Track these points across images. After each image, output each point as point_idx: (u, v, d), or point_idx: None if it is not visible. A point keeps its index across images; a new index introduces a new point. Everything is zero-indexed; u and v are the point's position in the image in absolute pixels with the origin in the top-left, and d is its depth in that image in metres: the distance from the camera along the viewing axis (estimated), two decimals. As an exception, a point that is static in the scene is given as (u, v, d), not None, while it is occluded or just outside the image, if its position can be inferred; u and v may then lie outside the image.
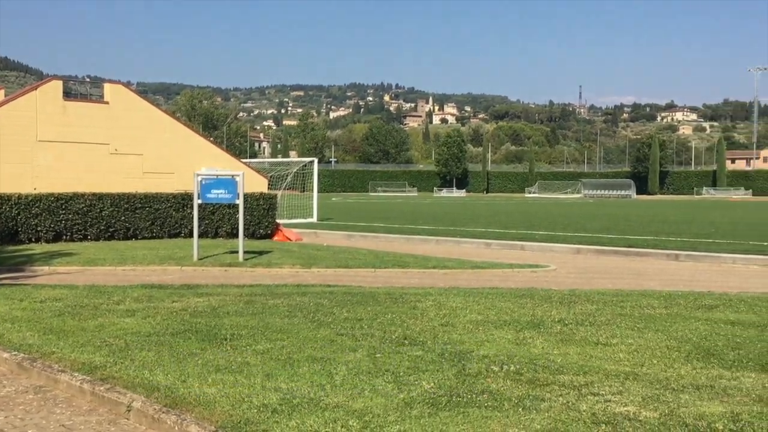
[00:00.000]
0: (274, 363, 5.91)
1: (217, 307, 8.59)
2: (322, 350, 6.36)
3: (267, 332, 7.10)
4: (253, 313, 8.18)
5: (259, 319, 7.77)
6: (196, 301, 9.06)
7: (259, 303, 8.86)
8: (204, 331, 7.13)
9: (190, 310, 8.39)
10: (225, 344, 6.59)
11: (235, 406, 4.81)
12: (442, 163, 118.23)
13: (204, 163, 20.43)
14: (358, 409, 4.74)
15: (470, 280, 12.17)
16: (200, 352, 6.28)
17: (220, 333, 7.04)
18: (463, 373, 5.60)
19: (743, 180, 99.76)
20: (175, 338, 6.86)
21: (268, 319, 7.77)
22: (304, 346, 6.53)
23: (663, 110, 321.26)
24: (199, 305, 8.70)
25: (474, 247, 19.10)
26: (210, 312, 8.25)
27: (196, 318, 7.86)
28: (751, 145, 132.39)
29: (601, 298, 9.43)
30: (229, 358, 6.09)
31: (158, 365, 5.88)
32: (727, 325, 7.63)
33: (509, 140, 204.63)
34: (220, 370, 5.69)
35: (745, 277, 13.24)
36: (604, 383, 5.34)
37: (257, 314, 8.09)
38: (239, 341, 6.71)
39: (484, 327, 7.43)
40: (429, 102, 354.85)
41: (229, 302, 8.94)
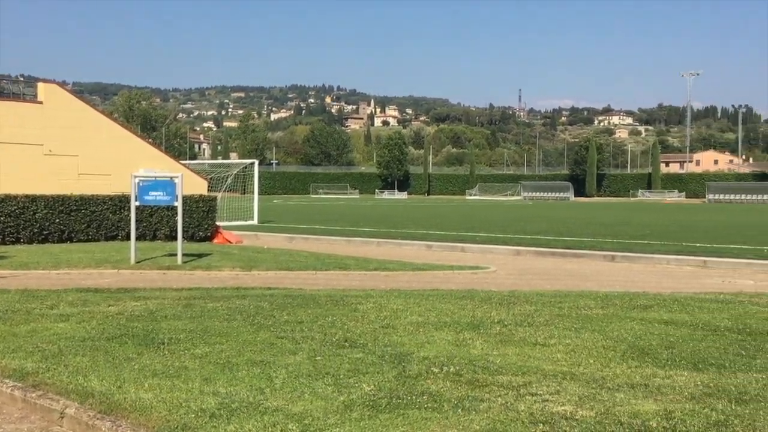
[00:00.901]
0: (212, 367, 5.84)
1: (155, 310, 8.45)
2: (261, 353, 6.30)
3: (206, 336, 7.01)
4: (191, 316, 8.07)
5: (198, 323, 7.66)
6: (133, 304, 8.89)
7: (197, 306, 8.75)
8: (141, 336, 7.00)
9: (126, 314, 8.23)
10: (162, 348, 6.48)
11: (172, 412, 4.73)
12: (383, 165, 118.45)
13: (142, 164, 20.11)
14: (298, 412, 4.71)
15: (411, 281, 12.20)
16: (137, 357, 6.17)
17: (158, 337, 6.93)
18: (403, 375, 5.60)
19: (677, 183, 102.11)
20: (110, 343, 6.72)
21: (206, 323, 7.67)
22: (243, 349, 6.46)
23: (600, 114, 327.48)
24: (136, 309, 8.55)
25: (415, 248, 19.18)
26: (147, 316, 8.11)
27: (132, 322, 7.72)
28: (684, 148, 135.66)
29: (539, 299, 9.55)
30: (166, 362, 5.99)
31: (93, 371, 5.76)
32: (660, 324, 7.79)
33: (450, 143, 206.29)
34: (157, 375, 5.59)
35: (678, 277, 13.55)
36: (542, 383, 5.40)
37: (196, 318, 7.98)
38: (177, 345, 6.61)
39: (424, 329, 7.46)
40: (371, 104, 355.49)
41: (167, 306, 8.80)
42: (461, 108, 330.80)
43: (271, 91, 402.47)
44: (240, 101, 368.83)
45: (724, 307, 9.01)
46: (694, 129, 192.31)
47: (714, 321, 7.98)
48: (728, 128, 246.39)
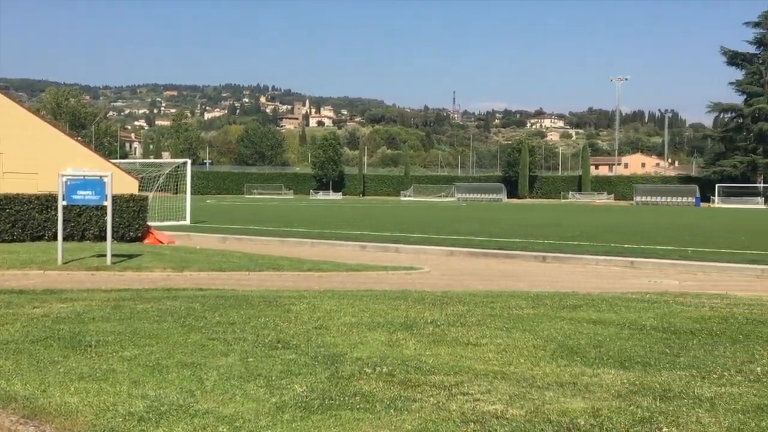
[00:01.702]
0: (141, 369, 5.73)
1: (82, 312, 8.26)
2: (192, 355, 6.22)
3: (135, 338, 6.88)
4: (120, 318, 7.91)
5: (127, 325, 7.51)
6: (60, 306, 8.67)
7: (127, 308, 8.58)
8: (67, 338, 6.83)
9: (52, 316, 8.02)
10: (90, 351, 6.34)
11: (98, 415, 4.63)
12: (318, 165, 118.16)
13: (70, 163, 19.63)
14: (229, 414, 4.66)
15: (345, 282, 12.19)
16: (63, 360, 6.02)
17: (85, 339, 6.77)
18: (336, 376, 5.59)
19: (606, 185, 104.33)
20: (35, 346, 6.54)
21: (136, 325, 7.52)
22: (173, 351, 6.36)
23: (532, 117, 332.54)
24: (62, 311, 8.34)
25: (349, 249, 19.17)
26: (74, 318, 7.92)
27: (58, 324, 7.52)
28: (613, 151, 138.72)
29: (472, 299, 9.64)
30: (93, 365, 5.86)
31: (16, 374, 5.59)
32: (589, 324, 7.94)
33: (385, 144, 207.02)
34: (83, 378, 5.46)
35: (607, 277, 13.84)
36: (474, 383, 5.45)
37: (125, 319, 7.82)
38: (105, 348, 6.47)
39: (357, 329, 7.46)
40: (306, 104, 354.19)
41: (95, 307, 8.60)
42: (396, 109, 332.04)
43: (205, 90, 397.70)
44: (173, 100, 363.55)
45: (650, 306, 9.24)
46: (622, 133, 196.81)
47: (640, 320, 8.18)
48: (655, 132, 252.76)
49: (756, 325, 7.95)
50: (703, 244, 19.78)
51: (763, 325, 7.95)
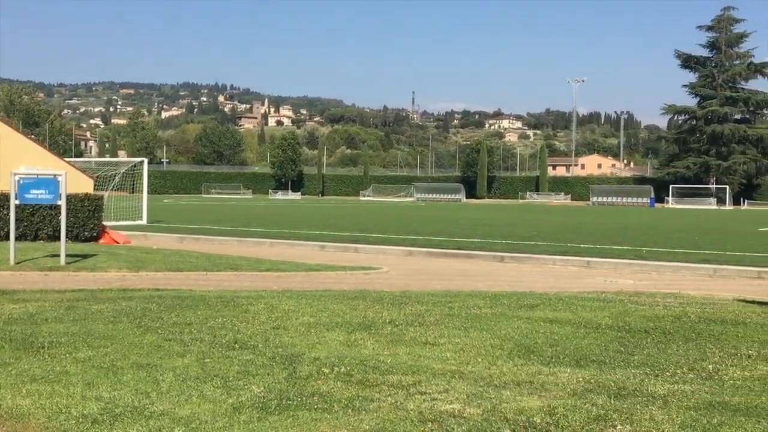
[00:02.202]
0: (95, 371, 5.65)
1: (35, 313, 8.11)
2: (148, 356, 6.15)
3: (89, 339, 6.78)
4: (74, 319, 7.79)
5: (81, 326, 7.40)
6: (11, 307, 8.51)
7: (81, 308, 8.45)
8: (19, 340, 6.71)
9: (4, 317, 7.87)
10: (42, 353, 6.23)
11: (51, 418, 4.55)
12: (277, 165, 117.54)
13: (23, 161, 19.27)
14: (185, 416, 4.62)
15: (303, 282, 12.16)
16: (14, 362, 5.91)
17: (37, 341, 6.65)
18: (293, 376, 5.57)
19: (563, 185, 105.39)
20: (-14, 348, 6.41)
21: (90, 326, 7.42)
22: (129, 352, 6.28)
23: (491, 118, 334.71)
24: (14, 312, 8.18)
25: (308, 249, 19.12)
26: (27, 319, 7.78)
27: (10, 326, 7.38)
28: (570, 152, 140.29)
29: (430, 299, 9.67)
30: (46, 367, 5.76)
31: (-34, 377, 5.48)
32: (546, 323, 8.02)
33: (344, 143, 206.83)
34: (36, 380, 5.37)
35: (564, 277, 13.98)
36: (432, 382, 5.47)
37: (79, 320, 7.71)
38: (58, 349, 6.36)
39: (316, 329, 7.44)
40: (264, 104, 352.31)
41: (48, 308, 8.46)
42: (356, 109, 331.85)
43: (162, 89, 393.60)
44: (129, 98, 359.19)
45: (605, 305, 9.36)
46: (579, 134, 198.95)
47: (596, 319, 8.28)
48: (611, 133, 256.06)
49: (708, 324, 8.09)
50: (657, 244, 20.09)
51: (715, 324, 8.10)
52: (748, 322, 8.25)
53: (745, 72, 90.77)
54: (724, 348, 6.86)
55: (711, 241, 21.69)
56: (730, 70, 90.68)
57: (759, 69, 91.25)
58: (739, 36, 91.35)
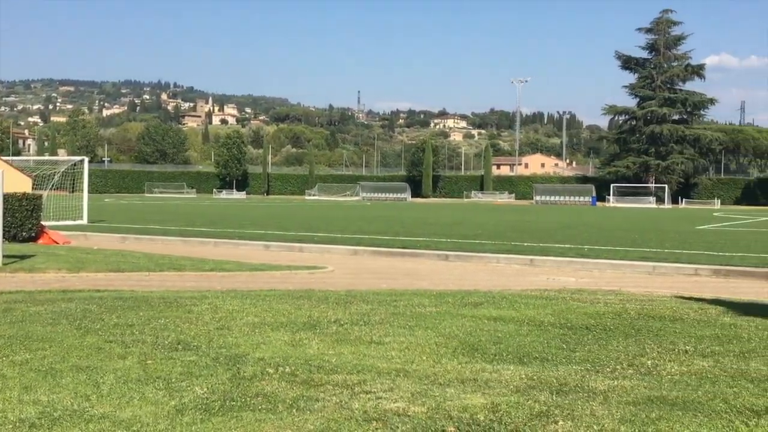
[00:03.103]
0: (33, 374, 5.53)
1: (-30, 316, 7.90)
2: (88, 359, 6.03)
3: (27, 342, 6.63)
4: (11, 321, 7.61)
5: (19, 328, 7.23)
6: (-54, 310, 8.27)
7: (18, 310, 8.25)
8: (-47, 343, 6.53)
9: (-63, 320, 7.65)
10: (-22, 356, 6.07)
11: (-13, 423, 4.44)
12: (221, 164, 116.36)
13: (-42, 160, 18.75)
14: (126, 418, 4.54)
15: (248, 282, 12.07)
16: (-52, 366, 5.75)
17: (-27, 344, 6.48)
18: (237, 377, 5.53)
19: (507, 184, 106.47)
20: None
21: (28, 328, 7.25)
22: (68, 355, 6.16)
23: (436, 117, 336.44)
24: (-52, 315, 7.95)
25: (253, 249, 18.98)
26: (-39, 322, 7.56)
27: (-56, 329, 7.17)
28: (514, 152, 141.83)
29: (375, 298, 9.69)
30: (-18, 371, 5.62)
31: None
32: (490, 321, 8.10)
33: (290, 143, 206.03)
34: (-29, 385, 5.23)
35: (507, 275, 14.13)
36: (377, 381, 5.48)
37: (16, 323, 7.53)
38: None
39: (260, 329, 7.39)
40: (209, 102, 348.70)
41: (-16, 311, 8.24)
42: (301, 108, 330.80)
43: (103, 86, 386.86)
44: (69, 96, 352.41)
45: (548, 303, 9.49)
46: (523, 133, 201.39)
47: (539, 317, 8.39)
48: (554, 133, 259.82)
49: (647, 320, 8.27)
50: (598, 242, 20.44)
51: (653, 320, 8.27)
52: (686, 318, 8.45)
53: (683, 73, 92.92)
54: (663, 344, 7.01)
55: (650, 239, 22.15)
56: (669, 72, 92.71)
57: (696, 71, 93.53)
58: (677, 38, 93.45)
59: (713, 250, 18.07)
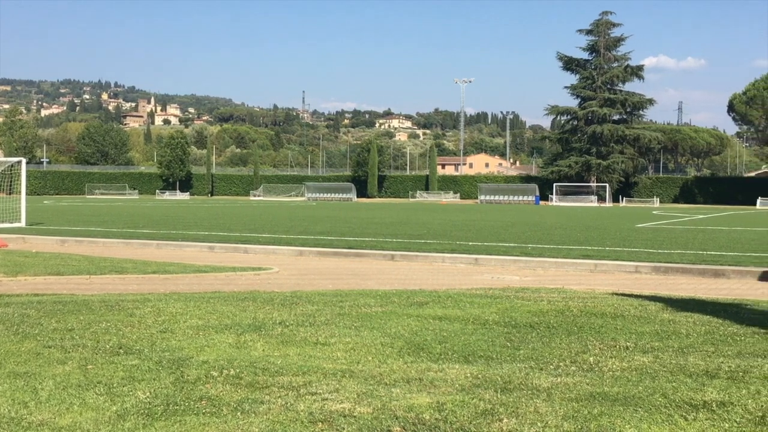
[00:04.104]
0: (-31, 382, 5.38)
1: None
2: (26, 365, 5.89)
3: (-38, 348, 6.44)
4: (-55, 327, 7.39)
5: (-47, 335, 7.03)
6: None
7: (-47, 316, 8.02)
8: None
9: None
10: None
11: None
12: (164, 165, 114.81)
13: None
14: (66, 425, 4.45)
15: (192, 284, 11.92)
16: None
17: None
18: (181, 381, 5.46)
19: (452, 184, 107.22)
20: None
21: (-37, 334, 7.05)
22: (5, 360, 6.01)
23: (381, 117, 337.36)
24: None
25: (197, 250, 18.77)
26: None
27: None
28: (459, 151, 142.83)
29: (321, 299, 9.66)
30: None
31: None
32: (435, 320, 8.13)
33: (234, 143, 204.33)
34: None
35: (453, 274, 14.22)
36: (322, 382, 5.46)
37: (-49, 329, 7.31)
38: (-73, 360, 6.02)
39: (204, 332, 7.31)
40: (151, 102, 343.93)
41: None
42: (245, 108, 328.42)
43: (41, 86, 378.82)
44: (5, 95, 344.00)
45: (492, 302, 9.57)
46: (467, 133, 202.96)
47: (483, 315, 8.45)
48: (497, 133, 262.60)
49: (589, 317, 8.40)
50: (542, 241, 20.70)
51: (595, 317, 8.41)
52: (626, 314, 8.60)
53: (623, 74, 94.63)
54: (604, 340, 7.13)
55: (592, 238, 22.51)
56: (609, 73, 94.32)
57: (635, 72, 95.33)
58: (617, 40, 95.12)
59: (653, 248, 18.45)
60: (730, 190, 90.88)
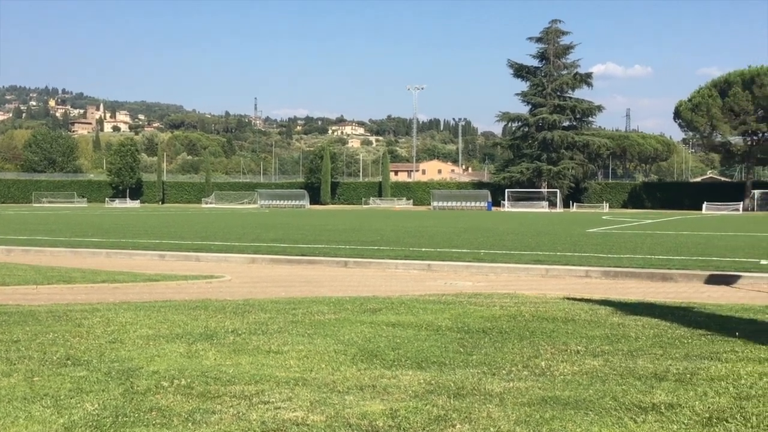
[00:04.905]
0: None
1: None
2: (-31, 378, 5.74)
3: None
4: None
5: None
6: None
7: None
8: None
9: None
10: None
11: None
12: (114, 172, 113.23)
13: None
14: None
15: (142, 293, 11.75)
16: None
17: None
18: (130, 391, 5.37)
19: (405, 191, 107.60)
20: None
21: None
22: (-53, 374, 5.84)
23: (334, 124, 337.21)
24: None
25: (147, 259, 18.51)
26: None
27: None
28: (411, 158, 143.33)
29: (274, 307, 9.59)
30: None
31: None
32: (389, 326, 8.13)
33: (185, 150, 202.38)
34: None
35: (406, 280, 14.23)
36: (275, 391, 5.42)
37: None
38: None
39: (155, 342, 7.21)
40: (100, 109, 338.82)
41: None
42: (196, 115, 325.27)
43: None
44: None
45: (445, 307, 9.60)
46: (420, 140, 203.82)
47: (436, 321, 8.48)
48: (450, 140, 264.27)
49: (541, 322, 8.47)
50: (494, 246, 20.85)
51: (547, 322, 8.49)
52: (577, 319, 8.70)
53: (572, 81, 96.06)
54: (556, 345, 7.19)
55: (543, 243, 22.74)
56: (558, 80, 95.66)
57: (584, 79, 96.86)
58: (566, 47, 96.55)
59: (602, 252, 18.71)
60: (676, 195, 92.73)
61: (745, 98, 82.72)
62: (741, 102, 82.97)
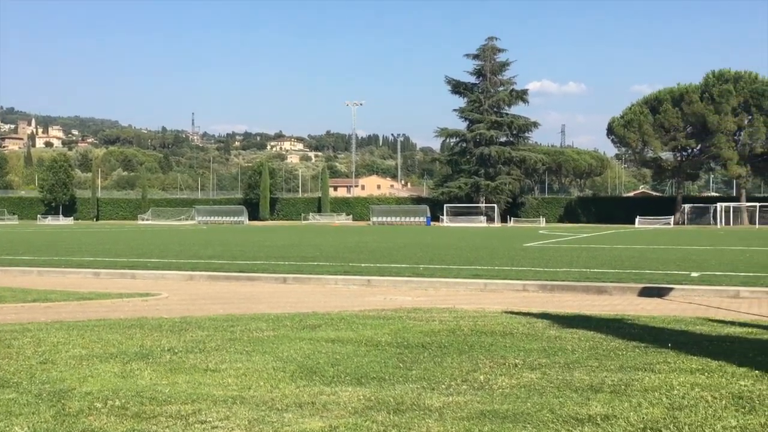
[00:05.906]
0: None
1: None
2: None
3: None
4: None
5: None
6: None
7: None
8: None
9: None
10: None
11: None
12: (47, 189, 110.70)
13: None
14: (-65, 466, 4.18)
15: (75, 312, 11.47)
16: None
17: None
18: (62, 414, 5.23)
19: (345, 206, 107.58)
20: None
21: None
22: None
23: (272, 140, 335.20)
24: None
25: (81, 277, 18.10)
26: None
27: None
28: (351, 173, 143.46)
29: (212, 324, 9.47)
30: None
31: None
32: (328, 343, 8.09)
33: (121, 166, 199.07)
34: None
35: (346, 296, 14.19)
36: (212, 409, 5.34)
37: None
38: None
39: (88, 362, 7.04)
40: (32, 124, 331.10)
41: None
42: (132, 130, 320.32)
43: None
44: None
45: (385, 323, 9.60)
46: (359, 155, 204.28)
47: (376, 337, 8.47)
48: (389, 155, 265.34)
49: (480, 336, 8.53)
50: (433, 261, 20.96)
51: (486, 335, 8.55)
52: (515, 332, 8.79)
53: (508, 98, 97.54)
54: (494, 358, 7.25)
55: (482, 257, 22.94)
56: (495, 96, 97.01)
57: (520, 95, 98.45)
58: (502, 64, 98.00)
59: (540, 266, 18.96)
60: (610, 210, 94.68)
61: (674, 115, 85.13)
62: (671, 119, 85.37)
